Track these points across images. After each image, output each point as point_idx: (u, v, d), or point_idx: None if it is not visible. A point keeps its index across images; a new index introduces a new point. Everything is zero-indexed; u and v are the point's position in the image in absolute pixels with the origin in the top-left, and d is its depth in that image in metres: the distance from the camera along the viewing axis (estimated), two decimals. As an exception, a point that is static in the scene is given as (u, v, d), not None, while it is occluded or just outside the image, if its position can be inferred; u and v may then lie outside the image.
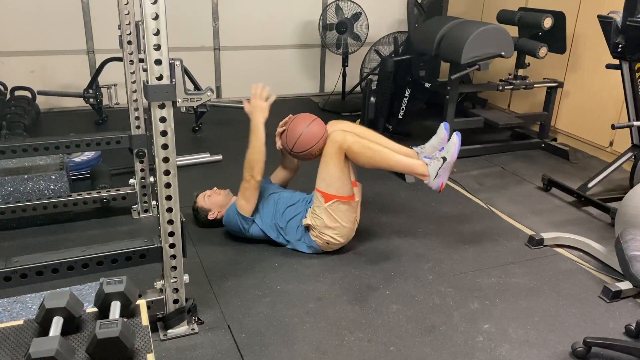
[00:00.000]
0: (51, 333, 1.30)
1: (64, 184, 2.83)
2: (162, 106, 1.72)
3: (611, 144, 3.96)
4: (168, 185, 1.82)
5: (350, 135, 2.48)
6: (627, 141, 3.46)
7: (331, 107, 5.11)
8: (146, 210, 2.92)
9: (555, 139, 4.39)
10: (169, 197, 1.83)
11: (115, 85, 4.29)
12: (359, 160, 2.51)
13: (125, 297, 1.43)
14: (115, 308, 1.40)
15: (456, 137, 2.46)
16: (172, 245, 1.90)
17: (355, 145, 2.46)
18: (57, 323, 1.33)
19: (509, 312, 2.26)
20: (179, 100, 1.74)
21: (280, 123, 2.63)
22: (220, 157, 3.76)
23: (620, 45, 3.10)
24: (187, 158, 3.68)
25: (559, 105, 4.33)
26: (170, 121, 1.75)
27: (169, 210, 1.85)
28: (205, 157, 3.74)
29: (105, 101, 4.34)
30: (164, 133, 1.76)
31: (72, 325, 1.37)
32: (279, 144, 2.65)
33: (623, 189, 3.40)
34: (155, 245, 1.90)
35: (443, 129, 2.63)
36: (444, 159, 2.45)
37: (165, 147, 1.77)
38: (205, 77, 4.99)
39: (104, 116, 4.39)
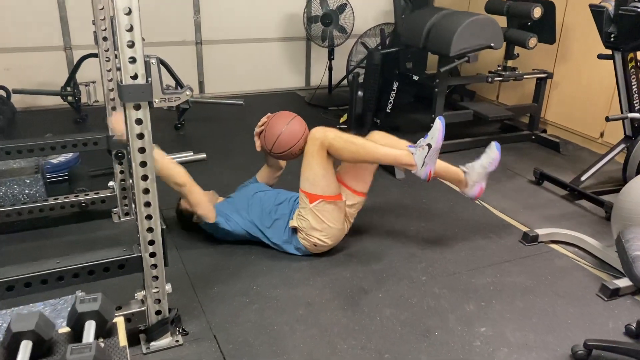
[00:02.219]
0: (19, 359, 1.20)
1: (39, 188, 2.71)
2: (137, 107, 1.61)
3: (602, 135, 3.91)
4: (146, 191, 1.71)
5: (331, 131, 2.39)
6: (618, 132, 3.40)
7: (318, 102, 5.00)
8: (127, 214, 2.80)
9: (545, 131, 4.33)
10: (147, 204, 1.72)
11: (94, 82, 4.13)
12: (342, 156, 2.41)
13: (101, 316, 1.33)
14: (90, 329, 1.29)
15: (439, 122, 2.36)
16: (152, 254, 1.79)
17: (336, 140, 2.36)
18: (25, 347, 1.22)
19: (505, 313, 2.19)
20: (156, 100, 1.63)
21: (259, 123, 2.53)
22: (204, 155, 3.64)
23: (612, 35, 3.03)
24: (170, 157, 3.55)
25: (548, 97, 4.27)
26: (147, 123, 1.64)
27: (148, 217, 1.74)
28: (188, 155, 3.62)
29: (84, 99, 4.18)
30: (140, 136, 1.65)
31: (43, 348, 1.27)
32: (258, 145, 2.54)
33: (616, 182, 3.35)
34: (135, 255, 1.79)
35: (494, 148, 2.51)
36: (429, 146, 2.36)
37: (142, 150, 1.66)
38: (187, 72, 4.85)
39: (83, 114, 4.24)
